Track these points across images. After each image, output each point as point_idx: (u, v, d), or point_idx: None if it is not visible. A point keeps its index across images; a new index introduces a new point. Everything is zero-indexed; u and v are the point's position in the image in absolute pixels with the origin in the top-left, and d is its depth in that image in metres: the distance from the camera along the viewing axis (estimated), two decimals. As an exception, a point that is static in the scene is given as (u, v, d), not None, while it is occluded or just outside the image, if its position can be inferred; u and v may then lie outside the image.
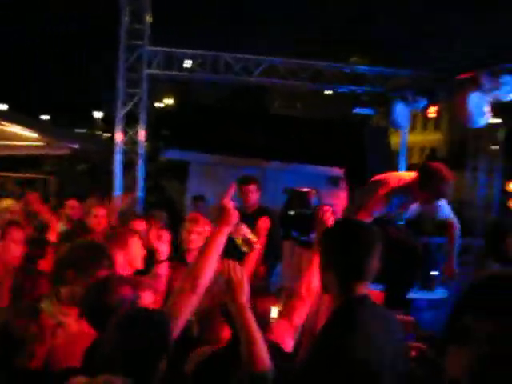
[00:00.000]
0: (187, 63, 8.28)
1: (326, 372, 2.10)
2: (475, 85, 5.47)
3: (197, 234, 4.67)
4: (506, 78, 5.44)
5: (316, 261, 3.10)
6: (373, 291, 2.70)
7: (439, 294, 6.40)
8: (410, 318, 3.98)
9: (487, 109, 5.58)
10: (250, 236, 2.88)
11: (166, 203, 8.89)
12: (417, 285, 6.39)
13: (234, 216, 2.46)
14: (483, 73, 5.51)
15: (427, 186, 3.88)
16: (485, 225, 8.85)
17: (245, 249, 3.09)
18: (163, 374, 2.08)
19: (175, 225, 5.57)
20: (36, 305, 2.77)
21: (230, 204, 2.46)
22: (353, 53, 28.68)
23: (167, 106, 33.25)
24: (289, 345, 2.84)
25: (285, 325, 3.02)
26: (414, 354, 3.47)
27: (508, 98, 5.56)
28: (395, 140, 9.48)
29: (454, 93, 5.99)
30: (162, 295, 3.35)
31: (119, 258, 3.63)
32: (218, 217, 2.45)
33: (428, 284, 6.45)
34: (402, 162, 8.26)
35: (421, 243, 7.96)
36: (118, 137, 8.08)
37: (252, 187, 5.82)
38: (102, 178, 13.90)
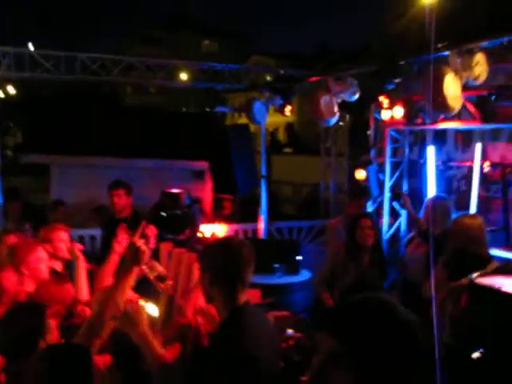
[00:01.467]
0: (40, 64, 7.92)
1: (221, 374, 2.40)
2: (325, 88, 6.05)
3: (63, 242, 4.74)
4: (351, 82, 6.10)
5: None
6: (250, 291, 2.99)
7: (305, 275, 7.03)
8: (285, 312, 4.44)
9: (336, 109, 6.20)
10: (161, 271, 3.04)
11: (27, 211, 8.50)
12: (284, 270, 6.98)
13: (145, 255, 2.56)
14: (331, 77, 6.11)
15: None
16: (338, 206, 9.76)
17: (159, 285, 3.26)
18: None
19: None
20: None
21: (140, 243, 2.54)
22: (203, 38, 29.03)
23: (9, 96, 30.82)
24: None
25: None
26: (291, 342, 3.92)
27: (353, 99, 6.23)
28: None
29: (306, 94, 6.56)
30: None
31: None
32: (129, 256, 2.53)
33: (294, 268, 7.05)
34: (263, 149, 8.75)
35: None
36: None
37: (119, 191, 5.90)
38: None
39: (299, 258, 7.14)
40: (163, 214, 6.73)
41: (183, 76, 10.03)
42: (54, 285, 3.79)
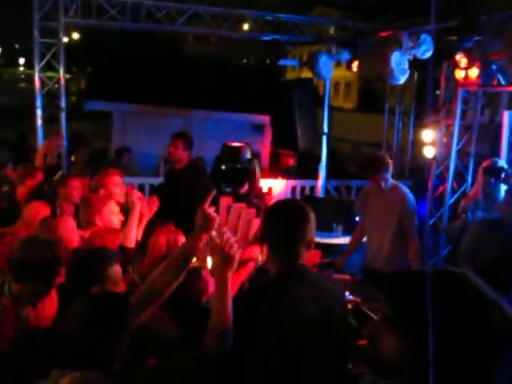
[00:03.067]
0: (106, 11, 7.92)
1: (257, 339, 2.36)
2: (396, 43, 5.76)
3: (117, 186, 4.81)
4: (424, 38, 5.78)
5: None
6: (311, 252, 2.91)
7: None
8: (347, 277, 4.39)
9: (406, 66, 5.92)
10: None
11: (93, 157, 8.73)
12: (341, 230, 6.90)
13: (215, 222, 2.47)
14: (404, 32, 5.80)
15: None
16: (399, 167, 9.51)
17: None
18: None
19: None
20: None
21: (211, 210, 2.48)
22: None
23: (73, 41, 31.36)
24: None
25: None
26: (349, 307, 3.89)
27: (425, 56, 5.92)
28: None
29: (375, 49, 6.28)
30: None
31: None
32: (198, 223, 2.46)
33: (351, 228, 6.94)
34: (326, 105, 8.54)
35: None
36: (38, 89, 7.74)
37: (177, 143, 5.81)
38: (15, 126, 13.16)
39: (358, 218, 7.02)
40: (223, 167, 6.72)
41: (246, 26, 9.83)
42: (109, 234, 3.87)
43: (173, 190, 5.68)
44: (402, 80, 5.98)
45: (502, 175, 5.63)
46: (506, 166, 5.88)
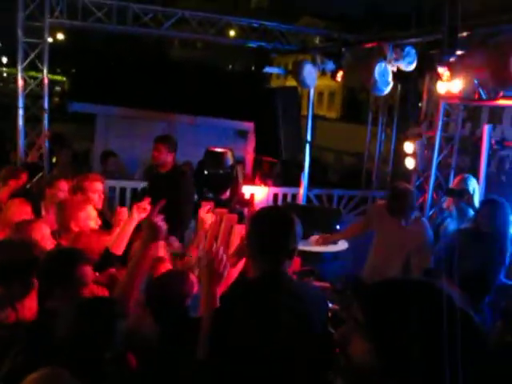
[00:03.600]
0: (92, 13, 7.88)
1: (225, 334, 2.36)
2: (381, 55, 5.82)
3: (96, 192, 4.77)
4: (408, 50, 5.85)
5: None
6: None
7: (341, 246, 6.96)
8: (326, 284, 4.41)
9: (390, 78, 5.98)
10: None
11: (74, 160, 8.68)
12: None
13: (162, 232, 2.56)
14: (388, 44, 5.87)
15: None
16: (380, 177, 9.59)
17: (177, 262, 3.30)
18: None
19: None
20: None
21: (158, 219, 2.55)
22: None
23: (58, 41, 31.07)
24: None
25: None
26: (329, 315, 3.89)
27: (409, 69, 5.99)
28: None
29: (359, 60, 6.34)
30: None
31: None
32: (146, 233, 2.54)
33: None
34: (310, 114, 8.56)
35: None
36: (21, 89, 7.66)
37: (160, 147, 5.73)
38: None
39: (338, 227, 7.06)
40: (205, 172, 6.71)
41: (233, 33, 9.87)
42: (94, 234, 3.83)
43: (154, 193, 5.66)
44: (386, 91, 6.04)
45: (465, 197, 5.63)
46: (472, 184, 5.86)
